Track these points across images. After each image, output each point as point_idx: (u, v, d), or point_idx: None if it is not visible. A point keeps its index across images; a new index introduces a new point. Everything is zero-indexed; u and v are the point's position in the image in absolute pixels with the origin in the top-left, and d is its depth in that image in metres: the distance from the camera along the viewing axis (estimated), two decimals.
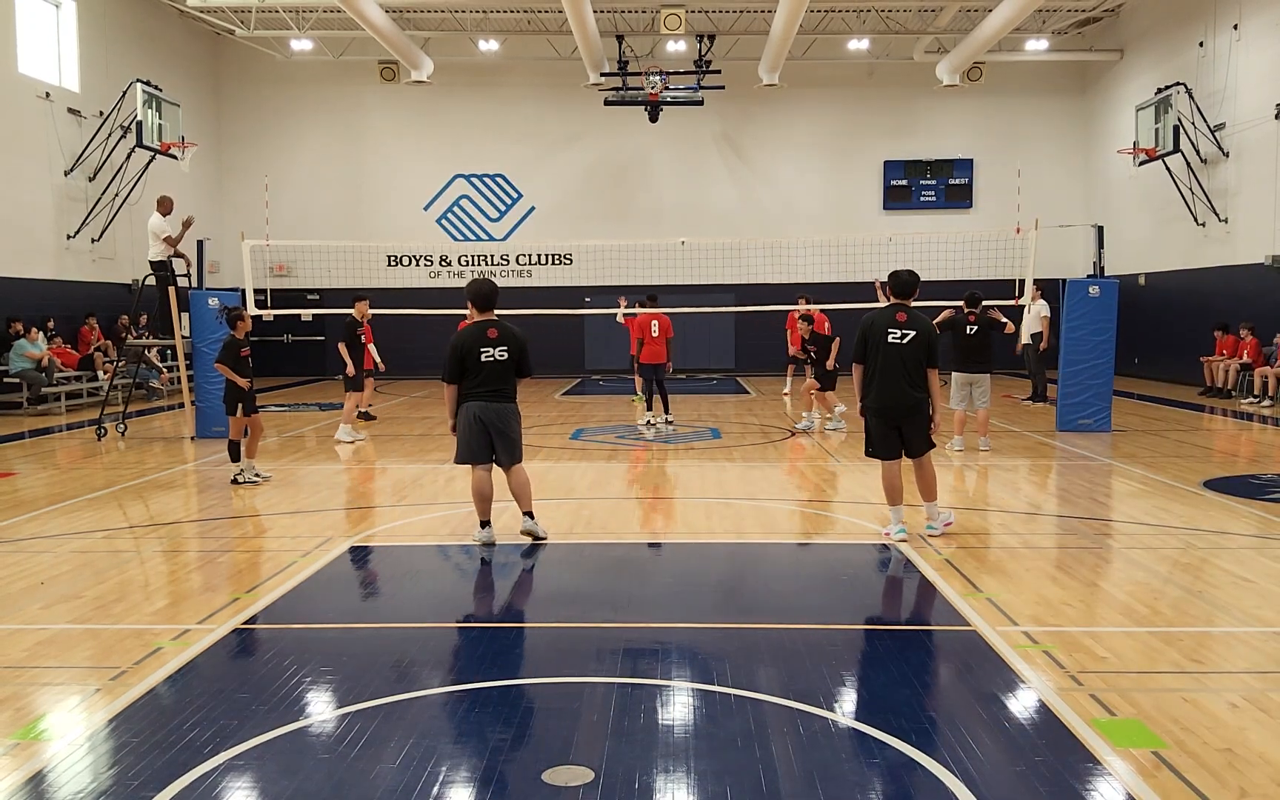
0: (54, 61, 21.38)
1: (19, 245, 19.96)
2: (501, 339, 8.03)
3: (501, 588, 7.48)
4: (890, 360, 8.02)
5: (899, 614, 6.88)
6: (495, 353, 8.00)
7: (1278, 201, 19.75)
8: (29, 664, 5.61)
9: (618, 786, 4.10)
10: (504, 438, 8.08)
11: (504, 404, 8.07)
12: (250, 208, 26.31)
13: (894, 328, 8.05)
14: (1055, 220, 24.10)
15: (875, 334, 8.08)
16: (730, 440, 14.56)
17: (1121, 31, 26.31)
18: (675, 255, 25.58)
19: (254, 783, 4.22)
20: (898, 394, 8.03)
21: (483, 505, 8.23)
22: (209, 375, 14.64)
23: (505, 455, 8.13)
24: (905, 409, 8.06)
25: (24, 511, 9.91)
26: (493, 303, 8.19)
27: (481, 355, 8.00)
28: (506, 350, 8.02)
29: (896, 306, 8.18)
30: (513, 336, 8.09)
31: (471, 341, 8.02)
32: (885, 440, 8.19)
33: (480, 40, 26.43)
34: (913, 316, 8.12)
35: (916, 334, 8.04)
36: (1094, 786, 4.10)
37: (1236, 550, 8.02)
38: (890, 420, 8.12)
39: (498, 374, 8.01)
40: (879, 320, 8.13)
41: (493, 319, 8.14)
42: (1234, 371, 19.68)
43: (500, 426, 8.05)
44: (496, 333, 8.04)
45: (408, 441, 14.94)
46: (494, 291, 8.22)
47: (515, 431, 8.15)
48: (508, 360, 8.03)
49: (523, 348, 8.13)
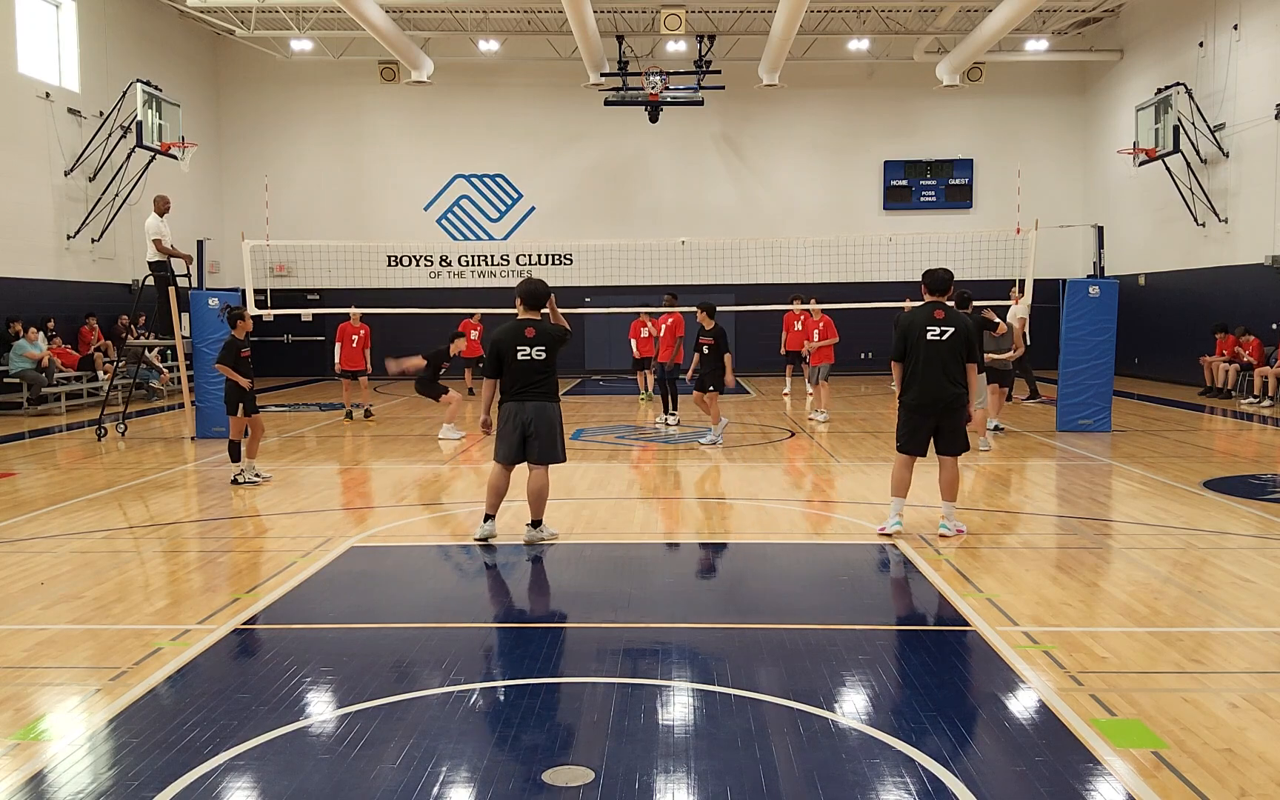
0: (54, 61, 21.39)
1: (19, 245, 19.97)
2: (539, 338, 8.02)
3: (502, 588, 7.48)
4: (930, 357, 8.09)
5: (899, 614, 6.88)
6: (532, 352, 8.00)
7: (1278, 201, 19.75)
8: (29, 664, 5.61)
9: (618, 786, 4.10)
10: (540, 438, 8.05)
11: (541, 403, 8.04)
12: (250, 208, 26.33)
13: (933, 325, 8.11)
14: (1055, 220, 24.17)
15: (915, 332, 8.14)
16: (730, 440, 14.55)
17: (1121, 31, 26.31)
18: (675, 255, 25.59)
19: (254, 783, 4.22)
20: (937, 389, 8.10)
21: (493, 498, 8.24)
22: (209, 375, 14.64)
23: (538, 453, 8.08)
24: (944, 403, 8.13)
25: (24, 512, 9.91)
26: (540, 302, 8.18)
27: (518, 354, 8.01)
28: (545, 350, 8.01)
29: (934, 304, 8.23)
30: (550, 336, 8.07)
31: (509, 340, 8.04)
32: (916, 436, 8.25)
33: (480, 40, 26.44)
34: (950, 313, 8.19)
35: (955, 331, 8.12)
36: (1094, 786, 4.10)
37: (1236, 550, 8.02)
38: (928, 415, 8.17)
39: (535, 373, 8.01)
40: (918, 318, 8.18)
41: (534, 318, 8.12)
42: (1234, 372, 19.69)
43: (538, 426, 8.03)
44: (534, 332, 8.03)
45: (408, 442, 14.94)
46: (542, 291, 8.21)
47: (553, 431, 8.08)
48: (546, 359, 8.02)
49: (562, 341, 8.14)
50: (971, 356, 8.20)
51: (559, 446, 8.17)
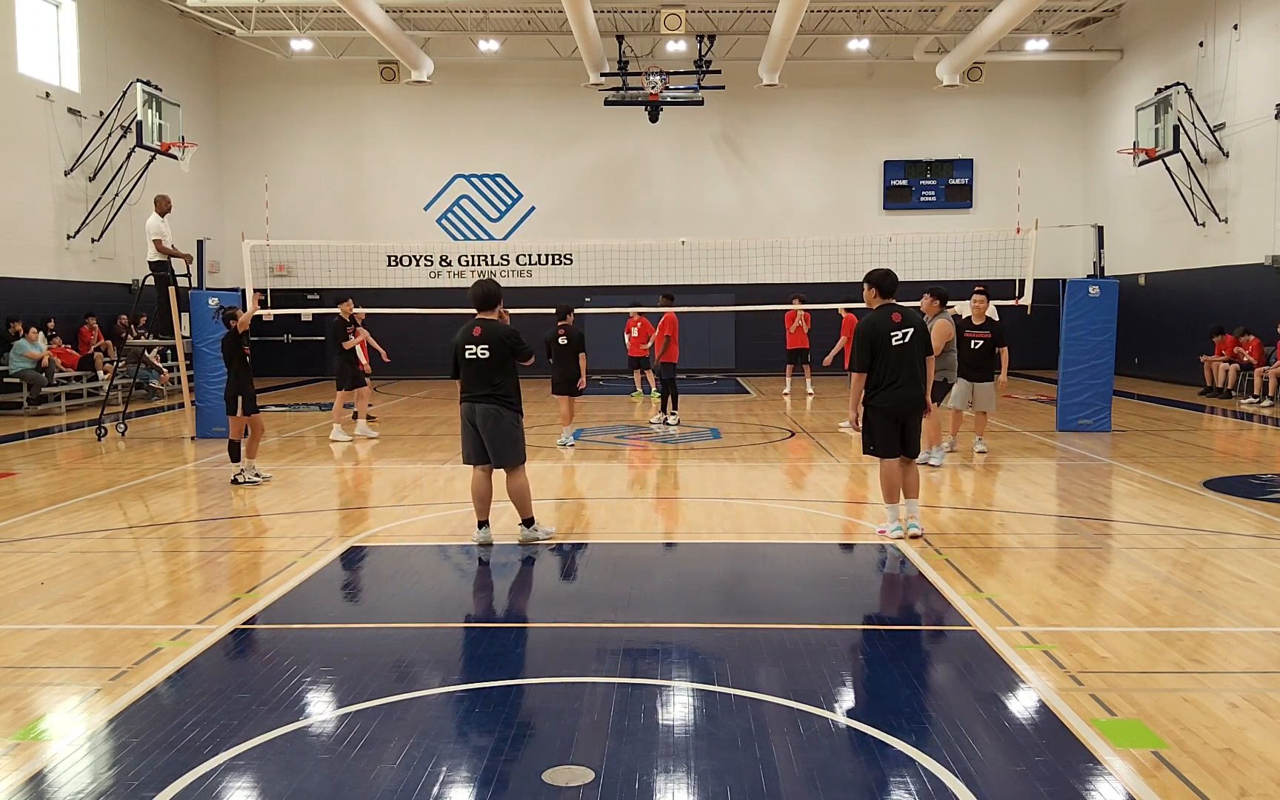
0: (54, 61, 21.38)
1: (19, 245, 19.97)
2: (483, 338, 7.94)
3: (501, 588, 7.48)
4: (900, 360, 8.15)
5: (899, 614, 6.87)
6: (478, 351, 7.94)
7: (1278, 201, 19.75)
8: (29, 664, 5.61)
9: (618, 786, 4.10)
10: (491, 439, 7.99)
11: (488, 405, 7.94)
12: (250, 208, 26.33)
13: (895, 329, 8.18)
14: (1055, 220, 24.16)
15: (881, 338, 8.17)
16: (730, 440, 14.56)
17: (1121, 31, 26.31)
18: (675, 255, 25.59)
19: (254, 783, 4.22)
20: (907, 391, 8.17)
21: (479, 505, 8.21)
22: (209, 375, 14.65)
23: (494, 457, 8.04)
24: (912, 404, 8.21)
25: (24, 511, 9.90)
26: (486, 303, 8.09)
27: (466, 353, 7.99)
28: (488, 349, 7.92)
29: (890, 307, 8.27)
30: (495, 334, 7.96)
31: (460, 340, 8.04)
32: (889, 438, 8.26)
33: (480, 40, 26.44)
34: (906, 314, 8.29)
35: (914, 331, 8.23)
36: (1094, 786, 4.10)
37: (1236, 550, 8.02)
38: (897, 418, 8.22)
39: (481, 373, 7.94)
40: (880, 324, 8.21)
41: (484, 317, 8.06)
42: (1234, 372, 19.69)
43: (486, 427, 7.97)
44: (480, 331, 7.97)
45: (408, 441, 14.94)
46: (486, 293, 8.10)
47: (502, 434, 7.97)
48: (489, 359, 7.92)
49: (509, 342, 7.98)
50: (928, 350, 8.35)
51: (517, 448, 8.07)
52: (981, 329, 12.40)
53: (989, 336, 12.35)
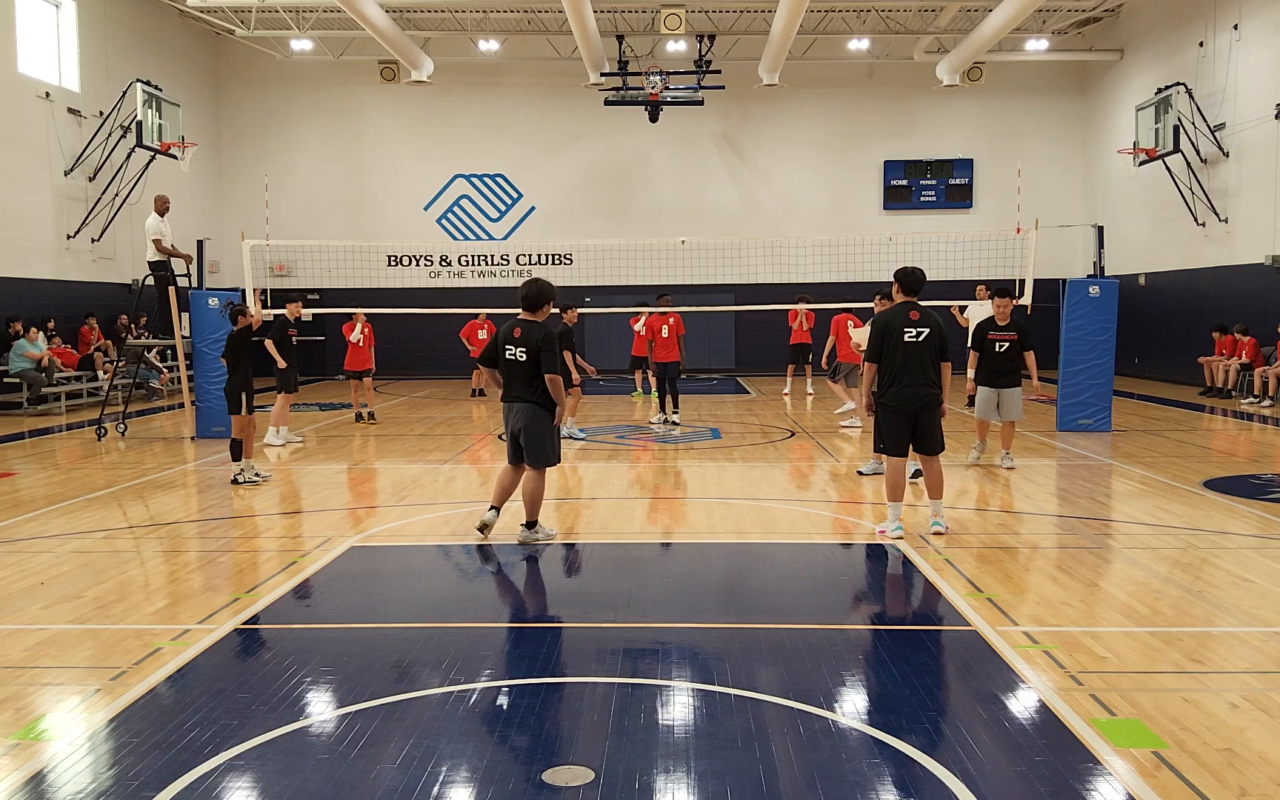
0: (54, 61, 21.38)
1: (19, 245, 19.96)
2: (522, 340, 8.05)
3: (502, 588, 7.48)
4: (909, 358, 8.18)
5: (899, 614, 6.87)
6: (516, 353, 8.05)
7: (1278, 201, 19.75)
8: (29, 664, 5.61)
9: (618, 786, 4.10)
10: (524, 438, 8.11)
11: (521, 404, 8.10)
12: (250, 208, 26.34)
13: (909, 326, 8.20)
14: (1055, 220, 24.16)
15: (892, 333, 8.22)
16: (730, 440, 14.56)
17: (1121, 31, 26.31)
18: (675, 255, 25.58)
19: (254, 783, 4.22)
20: (917, 390, 8.19)
21: (497, 491, 8.36)
22: (209, 375, 14.65)
23: (524, 455, 8.18)
24: (922, 402, 8.22)
25: (24, 511, 9.90)
26: (532, 304, 8.14)
27: (506, 353, 8.11)
28: (525, 352, 8.02)
29: (908, 305, 8.30)
30: (533, 339, 8.03)
31: (502, 337, 8.17)
32: (897, 436, 8.28)
33: (480, 40, 26.44)
34: (924, 314, 8.29)
35: (931, 331, 8.23)
36: (1094, 786, 4.10)
37: (1236, 550, 8.02)
38: (906, 415, 8.24)
39: (516, 374, 8.09)
40: (894, 320, 8.26)
41: (526, 319, 8.13)
42: (1234, 372, 19.69)
43: (523, 428, 8.09)
44: (520, 332, 8.07)
45: (408, 441, 14.94)
46: (531, 294, 8.16)
47: (532, 433, 8.08)
48: (525, 361, 8.02)
49: (541, 345, 7.99)
50: (945, 355, 8.33)
51: (547, 450, 8.17)
52: (1007, 331, 11.70)
53: (1015, 338, 11.66)
